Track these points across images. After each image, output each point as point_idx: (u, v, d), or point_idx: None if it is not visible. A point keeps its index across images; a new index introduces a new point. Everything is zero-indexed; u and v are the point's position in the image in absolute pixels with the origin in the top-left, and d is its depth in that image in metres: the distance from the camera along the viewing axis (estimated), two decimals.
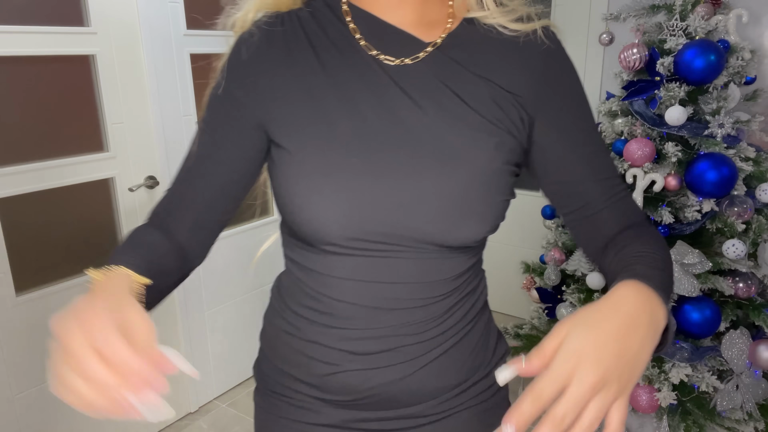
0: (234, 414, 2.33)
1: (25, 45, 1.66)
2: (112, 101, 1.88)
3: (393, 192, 0.64)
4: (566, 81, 0.70)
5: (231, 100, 0.70)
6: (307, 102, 0.66)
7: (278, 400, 0.78)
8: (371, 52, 0.67)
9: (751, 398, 1.80)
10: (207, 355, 2.36)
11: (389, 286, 0.68)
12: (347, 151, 0.64)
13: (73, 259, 1.88)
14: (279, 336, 0.77)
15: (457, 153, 0.64)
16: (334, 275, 0.69)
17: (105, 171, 1.90)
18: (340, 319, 0.70)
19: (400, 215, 0.64)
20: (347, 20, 0.68)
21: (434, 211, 0.64)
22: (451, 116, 0.65)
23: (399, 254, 0.67)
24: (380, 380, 0.70)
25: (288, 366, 0.76)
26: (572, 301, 1.94)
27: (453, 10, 0.69)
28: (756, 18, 2.11)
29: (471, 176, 0.64)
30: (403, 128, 0.65)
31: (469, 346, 0.75)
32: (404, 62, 0.66)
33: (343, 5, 0.69)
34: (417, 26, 0.68)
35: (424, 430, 0.75)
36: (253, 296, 2.53)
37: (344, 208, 0.63)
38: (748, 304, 1.83)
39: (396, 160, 0.64)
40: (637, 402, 1.78)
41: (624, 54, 1.86)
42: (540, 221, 2.58)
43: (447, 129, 0.65)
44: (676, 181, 1.79)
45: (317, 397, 0.74)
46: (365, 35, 0.68)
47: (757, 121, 1.83)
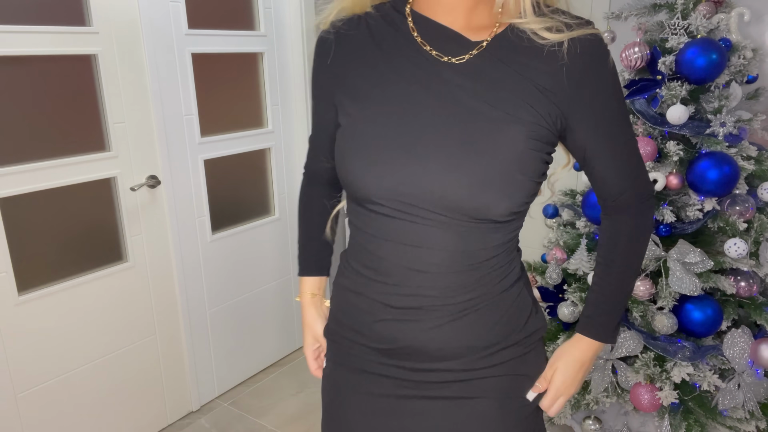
0: (236, 413, 2.34)
1: (26, 45, 1.67)
2: (113, 101, 1.89)
3: (428, 164, 0.76)
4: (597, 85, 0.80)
5: (316, 83, 0.92)
6: (370, 84, 0.83)
7: (337, 348, 0.95)
8: (425, 47, 0.81)
9: (752, 397, 1.80)
10: (209, 354, 2.37)
11: (425, 250, 0.80)
12: (395, 126, 0.79)
13: (75, 259, 1.88)
14: (339, 291, 0.94)
15: (488, 136, 0.76)
16: (380, 236, 0.83)
17: (106, 170, 1.90)
18: (381, 275, 0.84)
19: (434, 184, 0.77)
20: (408, 21, 0.83)
21: (465, 184, 0.76)
22: (488, 105, 0.77)
23: (437, 223, 0.79)
24: (409, 333, 0.84)
25: (343, 316, 0.92)
26: (574, 300, 1.94)
27: (500, 17, 0.81)
28: (758, 16, 2.10)
29: (498, 160, 0.76)
30: (446, 112, 0.78)
31: (497, 314, 0.86)
32: (452, 59, 0.80)
33: (406, 10, 0.84)
34: (466, 29, 0.81)
35: (455, 387, 0.87)
36: (254, 296, 2.53)
37: (383, 170, 0.78)
38: (750, 303, 1.83)
39: (435, 138, 0.77)
40: (638, 401, 1.78)
41: (625, 53, 1.86)
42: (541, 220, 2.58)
43: (482, 115, 0.77)
44: (677, 179, 1.79)
45: (364, 344, 0.89)
46: (422, 34, 0.82)
47: (759, 119, 1.83)
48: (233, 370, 2.50)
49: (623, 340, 1.85)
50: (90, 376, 1.95)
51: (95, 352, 1.96)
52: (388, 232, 0.81)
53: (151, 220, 2.07)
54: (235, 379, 2.52)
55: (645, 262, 1.80)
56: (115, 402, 2.05)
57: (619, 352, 1.85)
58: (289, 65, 2.50)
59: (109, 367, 2.01)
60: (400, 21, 0.84)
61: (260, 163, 2.49)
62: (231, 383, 2.51)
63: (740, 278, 1.80)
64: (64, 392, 1.89)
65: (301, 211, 1.07)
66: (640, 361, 1.81)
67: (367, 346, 0.88)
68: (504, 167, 0.76)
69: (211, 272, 2.32)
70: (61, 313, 1.85)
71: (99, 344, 1.97)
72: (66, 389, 1.90)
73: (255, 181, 2.49)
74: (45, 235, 1.80)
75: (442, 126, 0.77)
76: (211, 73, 2.21)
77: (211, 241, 2.30)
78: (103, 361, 1.99)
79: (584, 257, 1.93)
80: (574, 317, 1.95)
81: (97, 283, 1.93)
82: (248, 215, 2.48)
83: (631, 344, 1.84)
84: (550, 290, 2.06)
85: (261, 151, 2.47)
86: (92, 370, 1.96)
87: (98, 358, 1.97)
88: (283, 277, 2.66)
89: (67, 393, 1.90)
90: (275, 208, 2.57)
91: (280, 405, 2.39)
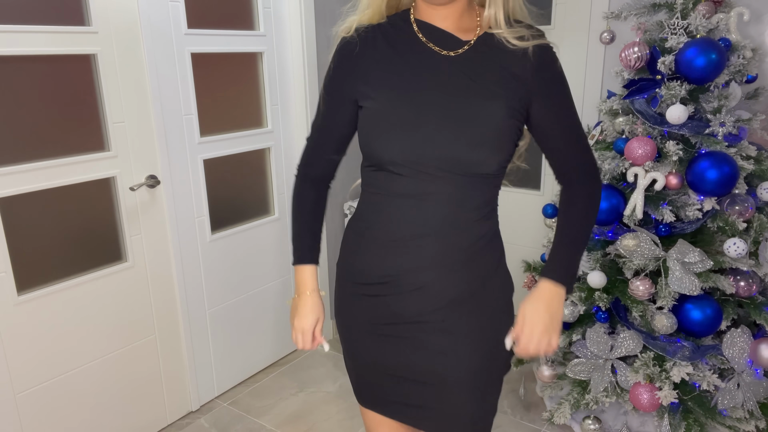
0: (235, 412, 2.34)
1: (25, 44, 1.66)
2: (113, 100, 1.88)
3: (435, 132, 1.01)
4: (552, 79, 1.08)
5: (339, 84, 1.11)
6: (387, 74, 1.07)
7: (341, 282, 1.21)
8: (429, 44, 1.06)
9: (752, 397, 1.80)
10: (208, 354, 2.37)
11: (431, 198, 1.04)
12: (408, 105, 1.03)
13: (74, 259, 1.88)
14: (346, 236, 1.20)
15: (479, 110, 1.02)
16: (391, 190, 1.07)
17: (106, 170, 1.90)
18: (384, 219, 1.09)
19: (442, 147, 1.01)
20: (414, 26, 1.09)
21: (464, 144, 1.01)
22: (478, 86, 1.03)
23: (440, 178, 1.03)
24: (411, 263, 1.08)
25: (346, 254, 1.20)
26: (573, 300, 1.94)
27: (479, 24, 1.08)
28: (757, 16, 2.10)
29: (488, 125, 1.02)
30: (446, 93, 1.03)
31: (479, 261, 1.11)
32: (450, 53, 1.06)
33: (411, 18, 1.10)
34: (457, 31, 1.07)
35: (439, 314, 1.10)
36: (253, 296, 2.53)
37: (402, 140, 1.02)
38: (749, 302, 1.83)
39: (440, 111, 1.02)
40: (638, 401, 1.78)
41: (625, 52, 1.86)
42: (541, 220, 2.58)
43: (473, 95, 1.03)
44: (677, 179, 1.79)
45: (355, 281, 1.16)
46: (425, 35, 1.07)
47: (759, 119, 1.83)
48: (233, 369, 2.50)
49: (623, 339, 1.85)
50: (89, 376, 1.95)
51: (95, 352, 1.96)
52: (405, 187, 1.05)
53: (151, 220, 2.07)
54: (234, 379, 2.52)
55: (645, 262, 1.80)
56: (115, 402, 2.05)
57: (618, 352, 1.85)
58: (289, 65, 2.50)
59: (108, 367, 2.01)
60: (407, 26, 1.09)
61: (260, 162, 2.49)
62: (230, 383, 2.51)
63: (740, 278, 1.81)
64: (63, 392, 1.89)
65: (297, 205, 1.22)
66: (639, 361, 1.81)
67: (354, 281, 1.16)
68: (492, 131, 1.02)
69: (210, 272, 2.32)
70: (61, 313, 1.85)
71: (98, 344, 1.96)
72: (65, 389, 1.89)
73: (254, 180, 2.49)
74: (44, 235, 1.80)
75: (445, 102, 1.02)
76: (210, 72, 2.21)
77: (210, 241, 2.30)
78: (103, 361, 1.99)
79: (584, 257, 1.93)
80: (574, 317, 1.96)
81: (97, 283, 1.93)
82: (248, 215, 2.48)
83: (630, 344, 1.84)
84: None
85: (260, 151, 2.47)
86: (92, 370, 1.96)
87: (98, 358, 1.97)
88: (282, 277, 2.66)
89: (66, 393, 1.90)
90: (275, 207, 2.57)
91: (280, 405, 2.39)
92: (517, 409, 2.31)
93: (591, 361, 1.90)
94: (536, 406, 2.32)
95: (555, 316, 1.08)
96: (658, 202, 1.83)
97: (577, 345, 1.95)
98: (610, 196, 1.85)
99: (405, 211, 1.06)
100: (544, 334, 1.06)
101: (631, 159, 1.81)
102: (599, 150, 2.01)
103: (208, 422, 2.28)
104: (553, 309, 1.08)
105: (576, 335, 1.97)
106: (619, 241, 1.82)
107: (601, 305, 1.90)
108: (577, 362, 1.93)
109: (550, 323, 1.07)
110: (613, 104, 1.98)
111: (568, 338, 1.98)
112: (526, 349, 1.06)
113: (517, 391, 2.37)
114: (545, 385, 2.10)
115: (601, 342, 1.87)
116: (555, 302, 1.08)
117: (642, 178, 1.80)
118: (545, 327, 1.06)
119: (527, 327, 1.06)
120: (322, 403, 2.39)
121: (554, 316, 1.07)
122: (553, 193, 2.46)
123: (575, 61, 2.52)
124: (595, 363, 1.90)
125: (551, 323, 1.07)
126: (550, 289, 1.09)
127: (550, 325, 1.07)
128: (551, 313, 1.07)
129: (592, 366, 1.90)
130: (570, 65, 1.43)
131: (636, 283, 1.80)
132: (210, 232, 2.29)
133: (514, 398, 2.36)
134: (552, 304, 1.08)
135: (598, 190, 1.14)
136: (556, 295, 1.09)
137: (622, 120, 1.93)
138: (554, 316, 1.08)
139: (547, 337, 1.06)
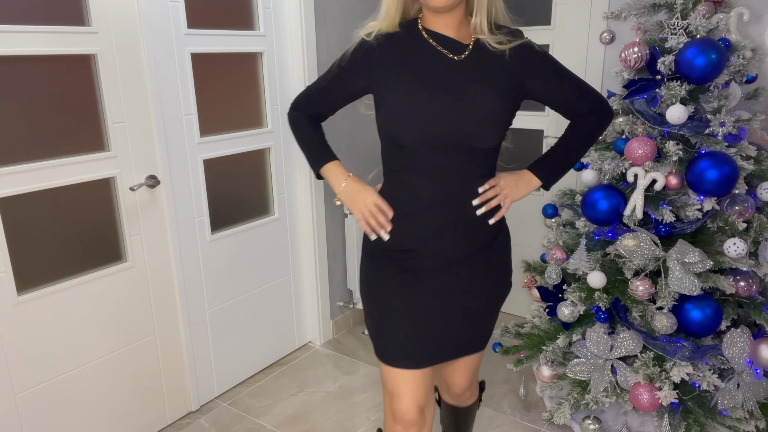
0: (235, 413, 2.34)
1: (25, 44, 1.66)
2: (112, 100, 1.88)
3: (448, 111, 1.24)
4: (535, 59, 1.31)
5: (350, 70, 1.34)
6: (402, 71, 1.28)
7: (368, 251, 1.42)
8: (438, 48, 1.28)
9: (752, 397, 1.80)
10: (208, 354, 2.37)
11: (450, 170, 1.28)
12: (424, 93, 1.25)
13: (74, 259, 1.88)
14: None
15: (481, 99, 1.25)
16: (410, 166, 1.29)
17: (106, 170, 1.90)
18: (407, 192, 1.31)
19: (451, 128, 1.24)
20: (423, 33, 1.30)
21: (472, 123, 1.24)
22: (479, 80, 1.26)
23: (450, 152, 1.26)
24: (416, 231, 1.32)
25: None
26: (573, 300, 1.94)
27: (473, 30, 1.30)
28: (757, 16, 2.11)
29: (488, 107, 1.25)
30: (453, 86, 1.25)
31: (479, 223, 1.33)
32: (455, 57, 1.28)
33: (419, 26, 1.31)
34: (457, 37, 1.30)
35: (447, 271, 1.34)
36: (253, 296, 2.53)
37: (419, 123, 1.24)
38: (749, 302, 1.83)
39: (450, 99, 1.24)
40: (638, 401, 1.78)
41: (625, 52, 1.86)
42: (541, 220, 2.58)
43: (476, 86, 1.26)
44: (677, 179, 1.79)
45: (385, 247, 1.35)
46: (434, 40, 1.29)
47: (758, 119, 1.83)
48: (233, 369, 2.50)
49: (623, 340, 1.85)
50: (89, 376, 1.95)
51: (95, 352, 1.96)
52: (425, 162, 1.27)
53: (151, 220, 2.07)
54: (234, 379, 2.52)
55: (644, 262, 1.80)
56: (115, 402, 2.05)
57: (618, 352, 1.85)
58: (289, 65, 2.50)
59: (108, 367, 2.01)
60: (417, 33, 1.30)
61: (260, 162, 2.49)
62: (230, 383, 2.51)
63: (739, 278, 1.81)
64: (63, 392, 1.89)
65: (295, 125, 1.45)
66: (639, 361, 1.81)
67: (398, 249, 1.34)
68: (491, 114, 1.25)
69: (210, 272, 2.32)
70: (61, 313, 1.85)
71: (98, 344, 1.97)
72: (65, 389, 1.89)
73: (254, 181, 2.49)
74: (44, 235, 1.80)
75: (454, 93, 1.25)
76: (210, 72, 2.21)
77: (210, 241, 2.30)
78: (103, 361, 1.99)
79: (584, 257, 1.93)
80: (573, 317, 1.96)
81: (97, 283, 1.93)
82: (248, 215, 2.48)
83: (630, 344, 1.84)
84: (550, 290, 2.06)
85: (260, 151, 2.47)
86: (91, 370, 1.96)
87: (98, 358, 1.97)
88: (282, 277, 2.66)
89: (66, 393, 1.90)
90: (275, 207, 2.57)
91: (280, 405, 2.39)
92: (517, 409, 2.31)
93: (591, 361, 1.90)
94: (536, 406, 2.32)
95: (520, 191, 1.37)
96: (658, 202, 1.83)
97: (577, 345, 1.95)
98: (610, 196, 1.85)
99: (423, 183, 1.28)
100: (507, 194, 1.34)
101: (631, 159, 1.81)
102: (599, 150, 2.01)
103: (207, 422, 2.28)
104: (521, 186, 1.37)
105: (576, 335, 1.97)
106: (619, 241, 1.82)
107: (601, 305, 1.90)
108: (577, 362, 1.93)
109: (515, 189, 1.36)
110: (613, 104, 1.98)
111: (568, 338, 1.98)
112: (489, 196, 1.32)
113: (517, 391, 2.37)
114: (545, 385, 2.10)
115: (601, 342, 1.87)
116: (526, 184, 1.38)
117: (642, 179, 1.80)
118: (510, 190, 1.34)
119: (500, 182, 1.33)
120: (322, 403, 2.39)
121: (520, 190, 1.37)
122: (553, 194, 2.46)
123: (575, 61, 2.52)
124: (595, 363, 1.90)
125: (515, 190, 1.36)
126: (529, 177, 1.39)
127: (515, 190, 1.36)
128: (519, 187, 1.36)
129: (592, 366, 1.90)
130: (570, 65, 1.44)
131: (636, 283, 1.80)
132: (210, 232, 2.29)
133: (514, 398, 2.36)
134: (522, 182, 1.38)
135: (609, 118, 1.40)
136: (532, 181, 1.39)
137: (622, 120, 1.93)
138: (520, 190, 1.37)
139: (504, 197, 1.33)
